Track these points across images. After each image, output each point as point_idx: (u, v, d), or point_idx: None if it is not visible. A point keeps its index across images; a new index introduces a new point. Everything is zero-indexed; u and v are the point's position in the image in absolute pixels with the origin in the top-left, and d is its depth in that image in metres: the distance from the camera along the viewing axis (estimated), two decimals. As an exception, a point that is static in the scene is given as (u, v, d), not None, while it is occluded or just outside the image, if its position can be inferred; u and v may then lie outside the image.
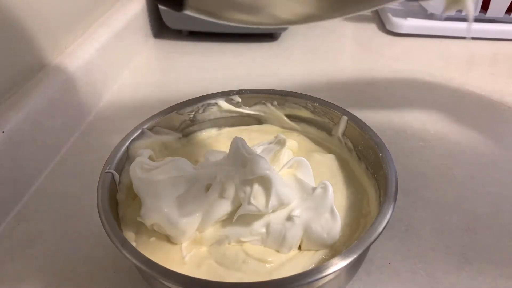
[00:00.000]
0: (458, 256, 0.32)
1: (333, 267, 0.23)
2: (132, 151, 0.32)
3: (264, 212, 0.28)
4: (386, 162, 0.30)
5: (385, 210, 0.26)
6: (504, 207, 0.35)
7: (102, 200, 0.28)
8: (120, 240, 0.25)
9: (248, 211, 0.28)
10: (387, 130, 0.43)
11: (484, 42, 0.61)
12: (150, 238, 0.29)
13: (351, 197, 0.32)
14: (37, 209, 0.37)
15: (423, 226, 0.34)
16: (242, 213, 0.28)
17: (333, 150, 0.36)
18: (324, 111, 0.36)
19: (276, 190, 0.27)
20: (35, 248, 0.33)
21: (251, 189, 0.28)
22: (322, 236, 0.28)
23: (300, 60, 0.59)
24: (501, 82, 0.51)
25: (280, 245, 0.28)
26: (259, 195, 0.28)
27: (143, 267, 0.24)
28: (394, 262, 0.31)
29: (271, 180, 0.27)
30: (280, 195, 0.27)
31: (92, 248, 0.33)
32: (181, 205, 0.28)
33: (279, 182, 0.28)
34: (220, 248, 0.28)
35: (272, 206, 0.27)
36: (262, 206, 0.27)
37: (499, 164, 0.40)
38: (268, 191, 0.27)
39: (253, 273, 0.27)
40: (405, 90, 0.51)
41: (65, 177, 0.40)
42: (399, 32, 0.63)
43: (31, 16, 0.39)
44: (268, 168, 0.28)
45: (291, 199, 0.28)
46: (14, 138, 0.36)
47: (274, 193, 0.27)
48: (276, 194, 0.27)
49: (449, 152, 0.41)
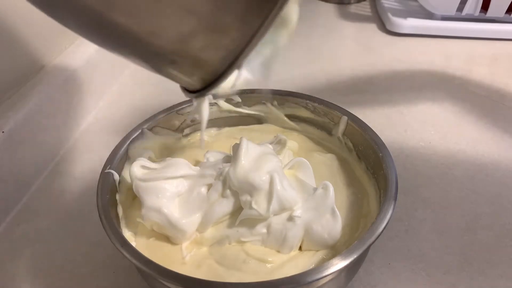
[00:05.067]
0: (458, 256, 0.32)
1: (334, 267, 0.23)
2: (132, 151, 0.32)
3: (265, 217, 0.27)
4: (386, 162, 0.30)
5: (385, 210, 0.26)
6: (504, 207, 0.35)
7: (102, 200, 0.28)
8: (120, 240, 0.25)
9: (250, 215, 0.28)
10: (387, 130, 0.43)
11: (484, 42, 0.61)
12: (150, 238, 0.29)
13: (351, 197, 0.32)
14: (37, 209, 0.37)
15: (423, 226, 0.34)
16: (243, 217, 0.28)
17: (333, 150, 0.36)
18: (324, 111, 0.36)
19: (278, 195, 0.27)
20: (35, 248, 0.33)
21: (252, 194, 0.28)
22: (323, 236, 0.28)
23: (300, 60, 0.59)
24: (501, 82, 0.51)
25: (280, 246, 0.28)
26: (260, 199, 0.27)
27: (143, 267, 0.24)
28: (394, 262, 0.31)
29: (274, 185, 0.27)
30: (282, 200, 0.27)
31: (92, 248, 0.33)
32: (181, 206, 0.28)
33: (284, 185, 0.27)
34: (220, 248, 0.28)
35: (273, 211, 0.27)
36: (263, 211, 0.27)
37: (499, 164, 0.40)
38: (269, 195, 0.27)
39: (254, 273, 0.27)
40: (405, 90, 0.51)
41: (65, 177, 0.40)
42: (399, 32, 0.63)
43: (31, 16, 0.39)
44: (275, 170, 0.28)
45: (293, 204, 0.28)
46: (14, 138, 0.36)
47: (276, 198, 0.27)
48: (277, 199, 0.27)
49: (449, 152, 0.41)
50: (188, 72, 0.22)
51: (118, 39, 0.20)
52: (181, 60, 0.20)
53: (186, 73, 0.22)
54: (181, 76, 0.22)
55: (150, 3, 0.18)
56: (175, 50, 0.20)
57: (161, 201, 0.28)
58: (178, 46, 0.19)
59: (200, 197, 0.29)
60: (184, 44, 0.19)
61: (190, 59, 0.20)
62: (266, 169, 0.28)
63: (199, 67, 0.21)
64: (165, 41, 0.19)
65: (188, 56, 0.20)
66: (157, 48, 0.19)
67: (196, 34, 0.19)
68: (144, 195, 0.28)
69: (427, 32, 0.63)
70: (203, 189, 0.29)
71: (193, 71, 0.21)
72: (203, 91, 0.22)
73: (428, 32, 0.63)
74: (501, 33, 0.61)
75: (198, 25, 0.18)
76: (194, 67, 0.21)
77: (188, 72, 0.22)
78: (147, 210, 0.28)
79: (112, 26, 0.18)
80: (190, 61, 0.20)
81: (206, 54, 0.20)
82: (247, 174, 0.27)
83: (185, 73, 0.22)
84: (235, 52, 0.19)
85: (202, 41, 0.19)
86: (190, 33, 0.19)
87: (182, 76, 0.22)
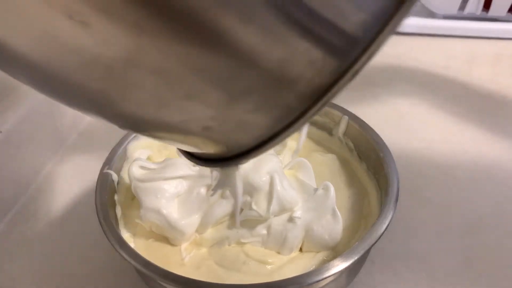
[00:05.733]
0: (459, 257, 0.31)
1: (334, 268, 0.23)
2: (130, 151, 0.32)
3: (265, 217, 0.27)
4: (387, 162, 0.29)
5: (386, 211, 0.26)
6: (507, 208, 0.35)
7: (100, 200, 0.28)
8: (118, 242, 0.25)
9: (250, 216, 0.27)
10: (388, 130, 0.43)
11: (486, 41, 0.60)
12: (149, 239, 0.29)
13: (352, 198, 0.31)
14: (35, 210, 0.36)
15: (425, 227, 0.34)
16: (243, 218, 0.28)
17: (334, 150, 0.35)
18: (325, 111, 0.35)
19: (278, 196, 0.27)
20: (33, 248, 0.33)
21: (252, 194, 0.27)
22: (323, 237, 0.27)
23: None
24: (504, 82, 0.51)
25: (281, 247, 0.28)
26: (260, 200, 0.27)
27: (142, 269, 0.24)
28: (395, 263, 0.31)
29: (274, 185, 0.27)
30: (283, 200, 0.27)
31: (91, 249, 0.32)
32: (180, 206, 0.28)
33: (284, 185, 0.27)
34: (220, 249, 0.28)
35: (273, 211, 0.27)
36: (263, 211, 0.27)
37: (501, 165, 0.39)
38: (270, 196, 0.27)
39: (254, 274, 0.27)
40: (407, 89, 0.51)
41: (64, 178, 0.39)
42: (401, 31, 0.63)
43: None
44: (275, 170, 0.27)
45: (293, 204, 0.28)
46: (12, 138, 0.36)
47: (276, 198, 0.27)
48: (278, 199, 0.27)
49: (451, 152, 0.41)
50: (218, 139, 0.17)
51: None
52: (219, 126, 0.16)
53: (215, 139, 0.17)
54: (206, 143, 0.17)
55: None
56: (216, 115, 0.15)
57: (160, 202, 0.28)
58: (221, 110, 0.15)
59: (199, 198, 0.28)
60: (229, 107, 0.15)
61: (232, 124, 0.16)
62: (266, 170, 0.27)
63: (239, 133, 0.16)
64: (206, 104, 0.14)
65: (230, 121, 0.15)
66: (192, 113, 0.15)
67: (252, 92, 0.14)
68: (143, 196, 0.28)
69: (428, 31, 0.62)
70: (202, 189, 0.29)
71: (230, 137, 0.17)
72: (239, 158, 0.17)
73: (429, 31, 0.62)
74: (503, 32, 0.60)
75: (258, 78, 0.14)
76: (234, 132, 0.16)
77: (220, 139, 0.17)
78: (145, 210, 0.28)
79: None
80: (231, 126, 0.16)
81: (255, 118, 0.15)
82: (247, 175, 0.27)
83: (214, 139, 0.17)
84: (295, 111, 0.15)
85: (254, 102, 0.14)
86: (242, 91, 0.14)
87: (208, 142, 0.17)
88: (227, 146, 0.17)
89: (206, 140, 0.17)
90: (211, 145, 0.17)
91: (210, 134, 0.16)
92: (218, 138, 0.17)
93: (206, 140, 0.17)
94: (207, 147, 0.18)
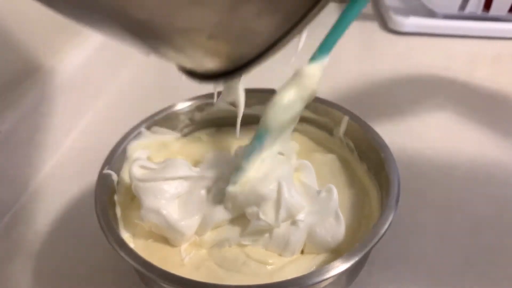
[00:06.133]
0: (460, 258, 0.31)
1: (335, 270, 0.23)
2: (130, 151, 0.32)
3: (274, 226, 0.27)
4: (388, 163, 0.29)
5: (387, 212, 0.26)
6: (508, 208, 0.35)
7: (100, 201, 0.27)
8: (118, 242, 0.25)
9: (258, 226, 0.27)
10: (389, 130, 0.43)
11: (487, 41, 0.60)
12: (149, 239, 0.29)
13: (353, 198, 0.31)
14: (35, 210, 0.36)
15: (425, 227, 0.33)
16: (251, 229, 0.27)
17: (334, 151, 0.35)
18: (325, 111, 0.35)
19: (286, 203, 0.26)
20: (32, 249, 0.33)
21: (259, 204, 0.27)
22: (326, 239, 0.27)
23: (301, 60, 0.59)
24: (505, 81, 0.51)
25: (283, 250, 0.27)
26: (268, 209, 0.27)
27: (142, 269, 0.24)
28: (396, 263, 0.31)
29: (281, 193, 0.26)
30: (290, 207, 0.27)
31: (90, 249, 0.32)
32: (180, 207, 0.28)
33: (292, 192, 0.27)
34: (220, 250, 0.28)
35: (282, 219, 0.27)
36: (271, 221, 0.26)
37: (502, 165, 0.39)
38: (277, 204, 0.27)
39: (254, 275, 0.27)
40: (407, 89, 0.51)
41: (63, 178, 0.39)
42: (401, 30, 0.63)
43: (28, 15, 0.39)
44: (283, 177, 0.27)
45: (300, 210, 0.27)
46: (11, 138, 0.36)
47: (284, 206, 0.26)
48: (286, 207, 0.26)
49: (452, 153, 0.41)
50: (222, 49, 0.17)
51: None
52: (223, 33, 0.16)
53: (219, 50, 0.17)
54: (210, 55, 0.18)
55: None
56: (220, 21, 0.15)
57: (160, 202, 0.28)
58: (225, 15, 0.15)
59: (199, 199, 0.28)
60: (233, 12, 0.15)
61: (236, 31, 0.16)
62: (275, 176, 0.27)
63: (242, 41, 0.17)
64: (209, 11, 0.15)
65: (234, 28, 0.16)
66: (195, 21, 0.15)
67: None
68: (143, 196, 0.28)
69: (429, 31, 0.62)
70: (202, 191, 0.28)
71: (233, 46, 0.17)
72: (241, 69, 0.18)
73: (430, 31, 0.62)
74: (504, 32, 0.60)
75: None
76: (237, 41, 0.17)
77: (223, 49, 0.17)
78: (145, 211, 0.27)
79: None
80: (235, 33, 0.16)
81: (258, 23, 0.15)
82: (254, 185, 0.27)
83: (218, 50, 0.17)
84: (296, 14, 0.15)
85: (257, 5, 0.15)
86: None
87: (211, 55, 0.18)
88: (230, 57, 0.18)
89: (210, 52, 0.17)
90: (215, 58, 0.18)
91: (215, 45, 0.17)
92: (222, 49, 0.17)
93: (211, 52, 0.17)
94: (212, 60, 0.18)
